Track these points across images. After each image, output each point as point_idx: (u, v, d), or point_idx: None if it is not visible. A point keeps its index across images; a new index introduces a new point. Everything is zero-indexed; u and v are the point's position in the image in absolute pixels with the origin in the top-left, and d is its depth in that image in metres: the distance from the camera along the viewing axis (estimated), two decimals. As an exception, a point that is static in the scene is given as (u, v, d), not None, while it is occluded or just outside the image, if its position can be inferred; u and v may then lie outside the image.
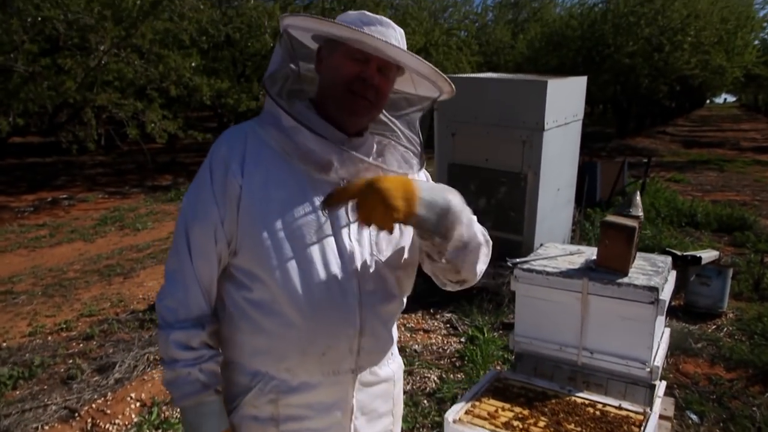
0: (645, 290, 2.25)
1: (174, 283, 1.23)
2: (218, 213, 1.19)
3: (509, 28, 22.38)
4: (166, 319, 1.23)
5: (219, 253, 1.22)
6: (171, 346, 1.21)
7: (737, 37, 16.55)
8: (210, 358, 1.23)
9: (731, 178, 11.72)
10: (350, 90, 1.20)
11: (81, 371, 3.58)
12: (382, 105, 1.29)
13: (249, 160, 1.20)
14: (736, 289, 5.01)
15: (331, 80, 1.24)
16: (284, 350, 1.23)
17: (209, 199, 1.20)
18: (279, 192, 1.19)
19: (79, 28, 8.36)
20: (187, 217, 1.23)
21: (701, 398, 3.42)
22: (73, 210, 8.69)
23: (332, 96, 1.23)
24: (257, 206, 1.19)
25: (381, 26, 1.22)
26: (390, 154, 1.34)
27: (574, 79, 5.38)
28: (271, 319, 1.22)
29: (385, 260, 1.29)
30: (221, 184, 1.19)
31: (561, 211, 5.52)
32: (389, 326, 1.36)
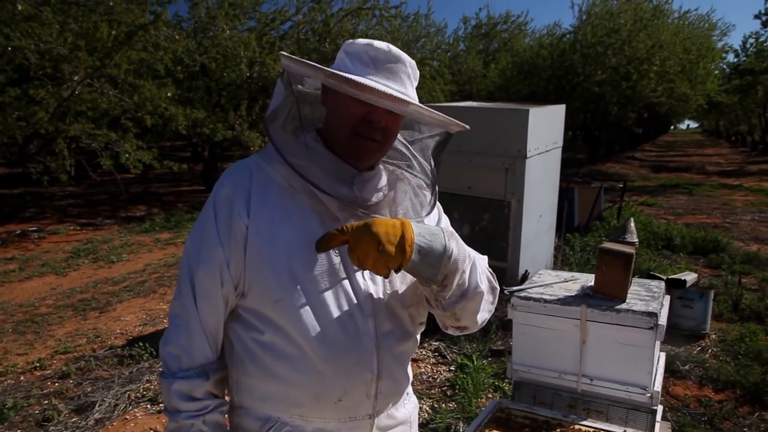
0: (644, 316, 2.25)
1: (177, 329, 1.17)
2: (223, 254, 1.14)
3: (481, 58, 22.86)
4: (169, 366, 1.17)
5: (225, 296, 1.16)
6: (173, 396, 1.14)
7: (699, 66, 17.24)
8: (214, 409, 1.17)
9: (701, 201, 12.04)
10: (356, 133, 1.16)
11: (58, 412, 3.41)
12: (390, 145, 1.25)
13: (255, 198, 1.15)
14: (717, 311, 5.09)
15: (337, 120, 1.19)
16: (297, 396, 1.16)
17: (214, 241, 1.14)
18: (287, 230, 1.14)
19: (52, 58, 8.25)
20: (191, 260, 1.17)
21: (693, 421, 3.43)
22: (44, 243, 8.43)
23: (339, 137, 1.18)
24: (265, 246, 1.13)
25: (390, 64, 1.15)
26: (401, 189, 1.29)
27: (553, 107, 5.49)
28: (283, 364, 1.15)
29: (398, 297, 1.23)
30: (226, 225, 1.14)
31: (543, 237, 5.57)
32: (405, 366, 1.30)
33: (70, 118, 8.57)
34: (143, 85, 9.14)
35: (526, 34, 22.44)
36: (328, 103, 1.21)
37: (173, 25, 11.26)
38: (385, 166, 1.31)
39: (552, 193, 5.68)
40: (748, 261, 6.70)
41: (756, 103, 22.53)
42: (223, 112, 11.54)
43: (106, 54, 8.35)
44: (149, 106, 9.20)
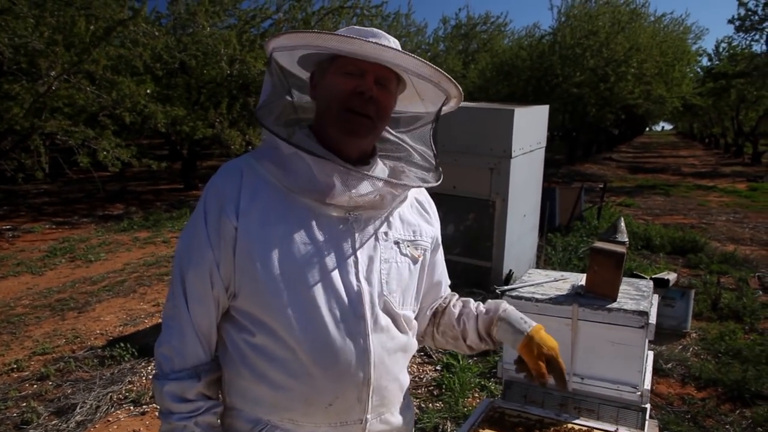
0: (635, 315, 2.27)
1: (170, 331, 1.17)
2: (213, 256, 1.13)
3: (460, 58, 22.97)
4: (161, 368, 1.17)
5: (216, 298, 1.15)
6: (165, 397, 1.13)
7: (675, 69, 17.56)
8: (206, 410, 1.15)
9: (677, 202, 12.26)
10: (348, 108, 1.13)
11: (37, 415, 3.33)
12: (384, 122, 1.21)
13: (244, 198, 1.13)
14: (696, 310, 5.17)
15: (326, 101, 1.16)
16: (288, 401, 1.14)
17: (204, 242, 1.13)
18: (278, 230, 1.12)
19: (27, 52, 8.05)
20: (182, 261, 1.16)
21: (677, 418, 3.48)
22: (18, 241, 8.23)
23: (330, 118, 1.16)
24: (255, 247, 1.11)
25: (372, 37, 1.14)
26: (405, 175, 1.29)
27: (538, 107, 5.53)
28: (273, 367, 1.13)
29: (394, 300, 1.21)
30: (215, 226, 1.13)
31: (527, 237, 5.61)
32: (400, 371, 1.27)
33: (46, 114, 8.38)
34: (122, 82, 8.99)
35: (505, 35, 22.63)
36: (317, 93, 1.20)
37: (152, 22, 11.09)
38: (382, 160, 1.29)
39: (535, 193, 5.73)
40: (725, 261, 6.83)
41: (729, 106, 23.02)
42: (202, 110, 11.40)
43: (84, 49, 8.19)
44: (128, 103, 9.05)
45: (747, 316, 5.06)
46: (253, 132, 11.14)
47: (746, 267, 6.69)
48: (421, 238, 1.31)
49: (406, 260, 1.25)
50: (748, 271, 6.49)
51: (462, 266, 5.14)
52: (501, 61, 18.30)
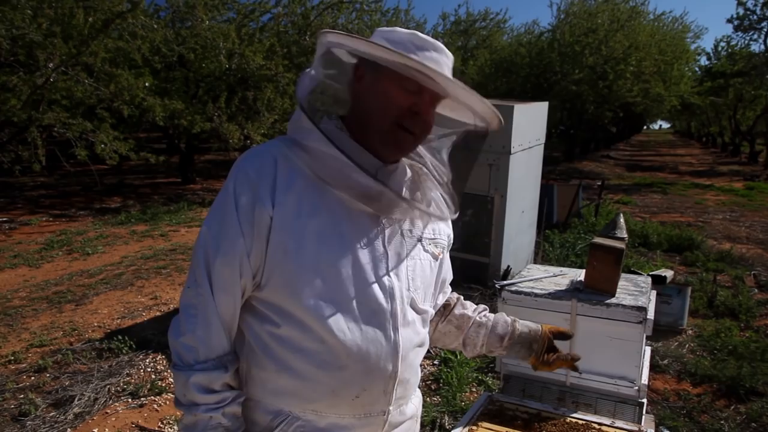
0: (633, 310, 2.28)
1: (192, 319, 1.12)
2: (244, 245, 1.09)
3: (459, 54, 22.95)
4: (184, 358, 1.12)
5: (243, 287, 1.13)
6: (191, 388, 1.10)
7: (674, 68, 17.58)
8: (233, 401, 1.13)
9: (674, 200, 12.29)
10: (399, 124, 1.12)
11: (35, 407, 3.33)
12: (423, 140, 1.22)
13: (280, 187, 1.10)
14: (692, 307, 5.20)
15: (376, 108, 1.13)
16: (313, 391, 1.14)
17: (235, 231, 1.09)
18: (312, 222, 1.10)
19: (25, 44, 8.01)
20: (209, 248, 1.11)
21: (673, 413, 3.50)
22: (15, 234, 8.21)
23: (377, 127, 1.14)
24: (289, 239, 1.09)
25: (435, 53, 1.12)
26: (426, 185, 1.29)
27: (537, 104, 5.54)
28: (300, 358, 1.12)
29: (420, 298, 1.23)
30: (248, 214, 1.09)
31: (525, 233, 5.62)
32: (418, 364, 1.30)
33: (44, 106, 8.34)
34: (120, 75, 8.95)
35: (504, 31, 22.60)
36: (362, 90, 1.16)
37: (151, 14, 11.04)
38: (405, 161, 1.30)
39: (534, 190, 5.74)
40: (721, 259, 6.86)
41: (727, 105, 23.06)
42: (201, 103, 11.38)
43: (82, 41, 8.15)
44: (126, 95, 9.02)
45: (742, 313, 5.09)
46: (251, 126, 11.12)
47: (742, 265, 6.72)
48: (440, 236, 1.33)
49: (428, 257, 1.27)
50: (744, 269, 6.53)
51: (460, 262, 5.15)
52: (500, 58, 18.29)
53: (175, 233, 8.32)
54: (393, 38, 1.12)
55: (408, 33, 1.13)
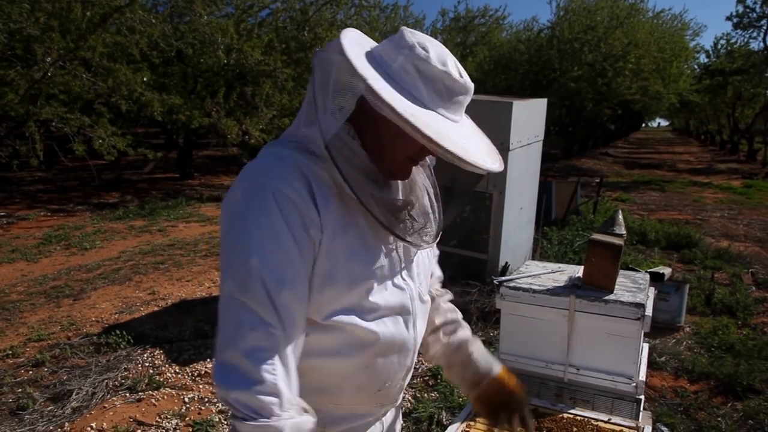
0: (632, 307, 2.28)
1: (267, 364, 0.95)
2: (306, 271, 1.01)
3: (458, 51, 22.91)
4: (263, 411, 0.93)
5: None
6: None
7: (672, 65, 17.58)
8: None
9: (672, 198, 12.30)
10: (411, 158, 1.11)
11: (33, 401, 3.33)
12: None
13: (321, 208, 1.02)
14: (690, 304, 5.21)
15: (391, 146, 1.08)
16: (339, 389, 1.15)
17: (295, 256, 0.99)
18: (346, 241, 1.06)
19: (22, 38, 7.98)
20: (268, 280, 0.96)
21: (670, 410, 3.51)
22: (13, 228, 8.19)
23: (388, 159, 1.10)
24: (328, 261, 1.04)
25: (461, 96, 1.05)
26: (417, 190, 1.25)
27: (536, 101, 5.53)
28: (327, 362, 1.11)
29: (423, 291, 1.28)
30: (304, 239, 1.00)
31: (523, 230, 5.63)
32: None
33: (42, 101, 8.32)
34: (118, 69, 8.92)
35: (503, 28, 22.54)
36: (378, 117, 1.03)
37: (149, 9, 10.99)
38: None
39: (532, 186, 5.74)
40: (719, 256, 6.87)
41: (725, 103, 23.06)
42: (199, 99, 11.35)
43: (80, 36, 8.12)
44: (124, 90, 8.99)
45: (740, 311, 5.10)
46: (250, 121, 11.10)
47: (740, 263, 6.74)
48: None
49: (427, 251, 1.31)
50: (742, 267, 6.54)
51: (458, 258, 5.16)
52: (499, 55, 18.28)
53: (173, 228, 8.31)
54: (425, 71, 1.01)
55: (441, 70, 1.01)
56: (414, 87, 1.01)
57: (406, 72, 1.01)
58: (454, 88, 1.03)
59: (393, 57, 1.02)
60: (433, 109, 1.01)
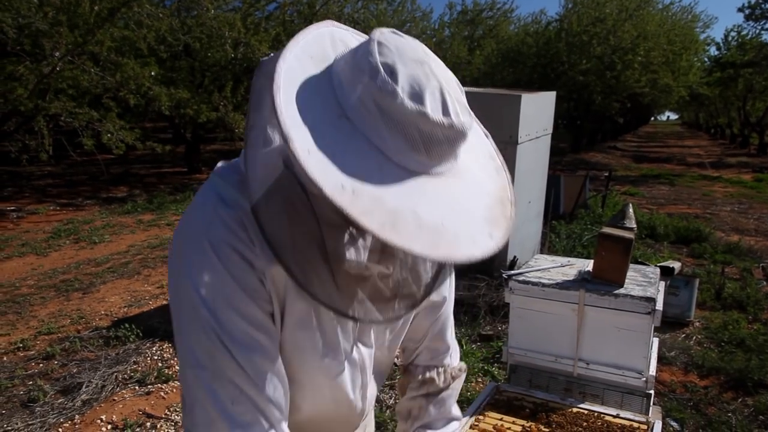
0: (642, 301, 2.27)
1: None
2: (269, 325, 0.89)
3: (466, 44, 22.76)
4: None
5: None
6: None
7: (682, 58, 17.41)
8: None
9: (682, 192, 12.21)
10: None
11: (43, 393, 3.35)
12: None
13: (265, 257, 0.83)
14: (700, 299, 5.17)
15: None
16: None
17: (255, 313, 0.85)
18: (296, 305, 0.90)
19: (31, 33, 8.00)
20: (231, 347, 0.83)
21: (680, 405, 3.49)
22: (23, 222, 8.25)
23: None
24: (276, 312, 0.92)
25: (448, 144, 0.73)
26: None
27: (545, 94, 5.49)
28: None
29: (385, 349, 1.11)
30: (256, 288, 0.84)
31: (532, 224, 5.60)
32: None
33: (50, 95, 8.35)
34: (126, 64, 8.94)
35: (511, 21, 22.39)
36: None
37: (156, 3, 10.99)
38: None
39: (541, 180, 5.71)
40: (729, 251, 6.82)
41: (736, 96, 22.82)
42: (206, 93, 11.35)
43: (88, 30, 8.13)
44: (132, 85, 9.00)
45: (750, 306, 5.06)
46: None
47: (750, 257, 6.68)
48: None
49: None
50: (752, 262, 6.48)
51: (466, 252, 5.14)
52: (507, 48, 18.17)
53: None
54: (389, 110, 0.70)
55: (413, 110, 0.69)
56: (374, 132, 0.71)
57: (365, 109, 0.71)
58: (433, 135, 0.71)
59: (352, 84, 0.73)
60: (408, 168, 0.72)
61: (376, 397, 1.41)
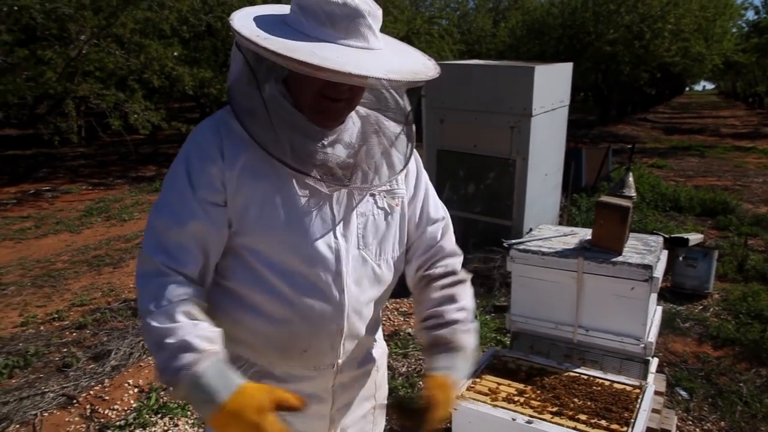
0: (639, 268, 2.31)
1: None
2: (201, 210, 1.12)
3: (490, 17, 22.38)
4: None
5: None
6: None
7: (716, 24, 16.79)
8: None
9: (712, 163, 11.93)
10: (322, 94, 1.10)
11: (76, 359, 3.57)
12: (358, 100, 1.19)
13: (227, 152, 1.11)
14: (721, 271, 5.13)
15: (298, 85, 1.13)
16: (264, 345, 1.20)
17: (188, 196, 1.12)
18: (259, 187, 1.12)
19: (57, 17, 8.21)
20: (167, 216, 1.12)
21: (690, 375, 3.52)
22: (57, 202, 8.57)
23: (303, 101, 1.14)
24: (239, 200, 1.12)
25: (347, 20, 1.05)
26: (374, 141, 1.22)
27: (560, 65, 5.44)
28: (248, 313, 1.17)
29: (372, 254, 1.23)
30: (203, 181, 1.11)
31: (549, 196, 5.59)
32: (374, 321, 1.31)
33: (78, 78, 8.59)
34: (149, 45, 9.11)
35: (536, -9, 21.86)
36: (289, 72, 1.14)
37: (178, -17, 11.10)
38: (357, 112, 1.26)
39: (558, 153, 5.68)
40: (756, 223, 6.69)
41: (775, 63, 21.99)
42: (230, 72, 11.43)
43: (112, 13, 8.31)
44: (156, 66, 9.18)
45: (772, 277, 5.00)
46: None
47: (778, 229, 6.55)
48: (397, 187, 1.29)
49: (382, 212, 1.25)
50: (779, 233, 6.36)
51: (482, 225, 5.19)
52: (532, 19, 17.76)
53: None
54: (303, 3, 1.08)
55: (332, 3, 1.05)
56: (299, 24, 1.08)
57: (294, 13, 1.09)
58: (334, 11, 1.04)
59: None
60: (320, 38, 1.04)
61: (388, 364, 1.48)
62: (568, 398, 2.05)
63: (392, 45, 1.19)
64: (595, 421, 1.90)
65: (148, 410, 3.04)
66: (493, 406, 2.01)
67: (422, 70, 1.10)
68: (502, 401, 2.04)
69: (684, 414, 3.14)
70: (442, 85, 5.11)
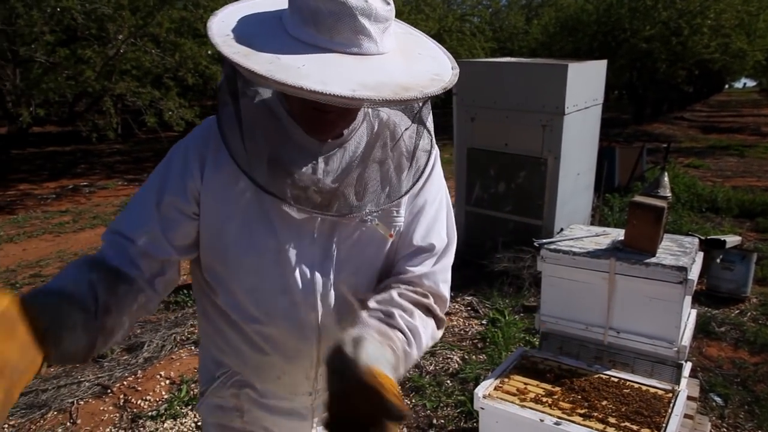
0: (673, 270, 2.26)
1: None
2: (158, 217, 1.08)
3: (523, 14, 22.13)
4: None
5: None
6: None
7: (759, 19, 16.25)
8: None
9: (752, 163, 11.57)
10: (308, 104, 0.94)
11: (111, 350, 3.67)
12: (355, 113, 1.05)
13: (207, 165, 1.05)
14: (760, 275, 4.98)
15: (289, 105, 1.04)
16: (243, 363, 1.19)
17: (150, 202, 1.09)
18: (238, 209, 1.05)
19: (97, 17, 8.43)
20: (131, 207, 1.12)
21: (725, 381, 3.43)
22: (94, 197, 8.81)
23: (292, 109, 1.04)
24: (214, 217, 1.07)
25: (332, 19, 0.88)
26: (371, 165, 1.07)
27: (594, 62, 5.34)
28: (231, 330, 1.16)
29: (350, 286, 1.12)
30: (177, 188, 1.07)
31: (581, 196, 5.51)
32: None
33: (116, 76, 8.80)
34: (184, 44, 9.28)
35: (572, -13, 21.51)
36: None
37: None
38: (378, 116, 1.12)
39: (591, 152, 5.58)
40: (798, 225, 6.47)
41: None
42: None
43: (148, 13, 8.49)
44: (190, 64, 9.35)
45: (815, 281, 4.83)
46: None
47: (821, 232, 6.32)
48: (396, 214, 1.12)
49: (370, 241, 1.12)
50: (822, 236, 6.14)
51: (513, 224, 5.14)
52: (566, 16, 17.48)
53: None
54: (294, 3, 0.93)
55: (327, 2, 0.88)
56: (287, 21, 0.94)
57: (289, 10, 0.95)
58: (319, 8, 0.87)
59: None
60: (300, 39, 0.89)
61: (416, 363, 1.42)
62: (598, 400, 2.02)
63: (409, 47, 0.99)
64: (625, 425, 1.87)
65: (179, 402, 3.10)
66: (521, 407, 1.99)
67: (418, 85, 0.89)
68: (530, 402, 2.03)
69: (718, 421, 3.06)
70: (473, 83, 5.08)
